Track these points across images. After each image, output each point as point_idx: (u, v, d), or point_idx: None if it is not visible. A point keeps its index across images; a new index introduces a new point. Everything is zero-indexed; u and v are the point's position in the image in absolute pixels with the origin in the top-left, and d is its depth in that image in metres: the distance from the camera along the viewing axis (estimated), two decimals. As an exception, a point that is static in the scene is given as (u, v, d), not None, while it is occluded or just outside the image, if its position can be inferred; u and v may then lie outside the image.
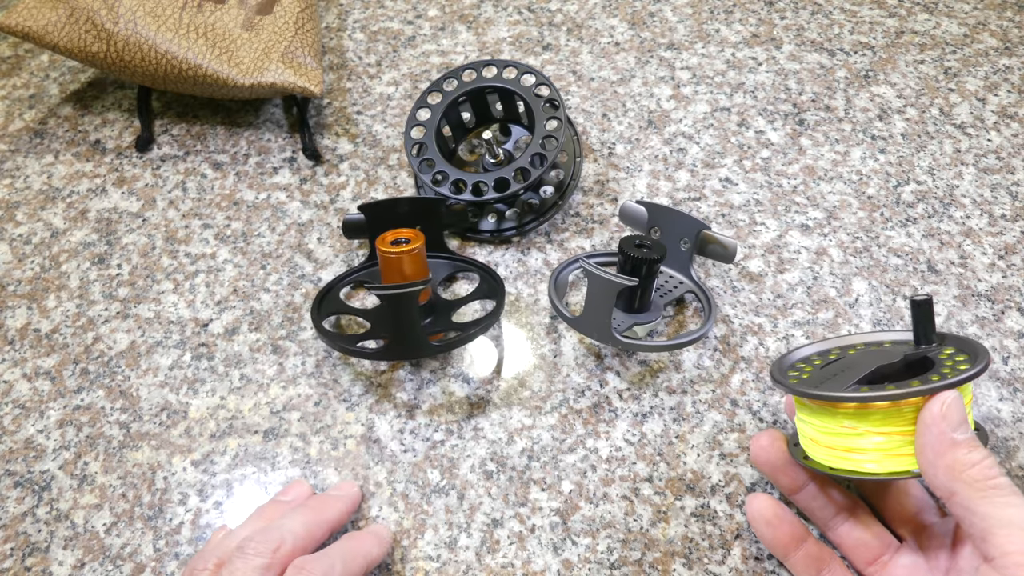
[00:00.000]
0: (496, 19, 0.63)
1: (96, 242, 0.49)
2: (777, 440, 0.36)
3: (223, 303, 0.46)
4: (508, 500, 0.39)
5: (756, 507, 0.36)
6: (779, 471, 0.36)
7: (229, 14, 0.54)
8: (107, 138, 0.55)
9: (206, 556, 0.33)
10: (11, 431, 0.42)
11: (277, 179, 0.53)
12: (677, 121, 0.55)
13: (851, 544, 0.36)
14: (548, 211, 0.49)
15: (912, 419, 0.31)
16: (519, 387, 0.43)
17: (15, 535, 0.38)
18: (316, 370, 0.44)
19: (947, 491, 0.29)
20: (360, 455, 0.41)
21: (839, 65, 0.59)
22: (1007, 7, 0.64)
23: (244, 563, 0.32)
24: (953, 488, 0.28)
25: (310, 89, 0.52)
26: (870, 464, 0.31)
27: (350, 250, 0.49)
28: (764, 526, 0.36)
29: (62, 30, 0.51)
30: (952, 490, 0.28)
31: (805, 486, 0.36)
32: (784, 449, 0.36)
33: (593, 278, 0.39)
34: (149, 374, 0.44)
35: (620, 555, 0.37)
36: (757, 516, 0.36)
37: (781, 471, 0.36)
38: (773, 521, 0.35)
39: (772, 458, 0.36)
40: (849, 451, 0.32)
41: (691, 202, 0.51)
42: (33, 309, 0.46)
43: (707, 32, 0.62)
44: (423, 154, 0.48)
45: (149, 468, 0.40)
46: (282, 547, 0.33)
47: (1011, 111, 0.56)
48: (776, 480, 0.37)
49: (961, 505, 0.28)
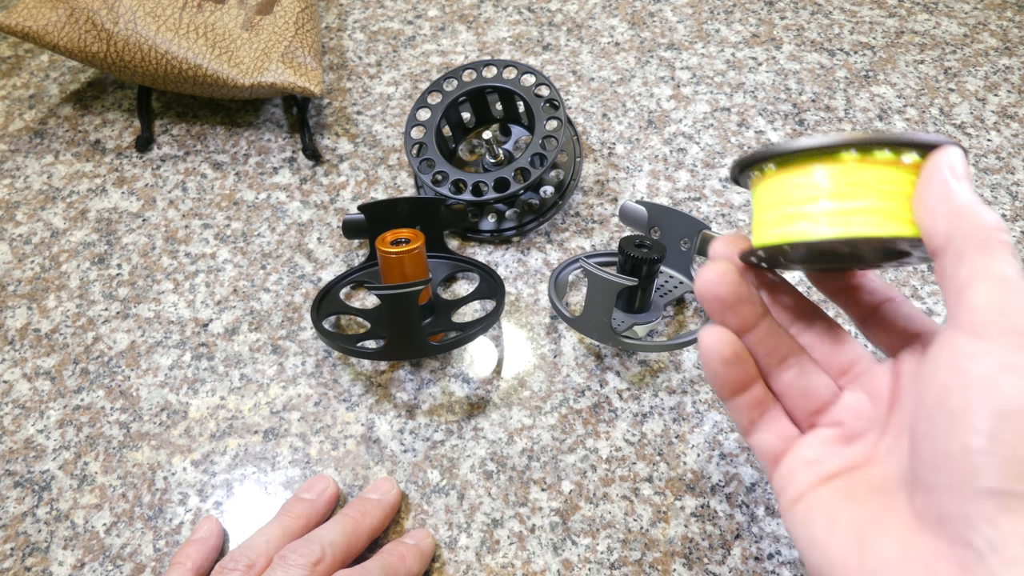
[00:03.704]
0: (496, 19, 0.63)
1: (96, 242, 0.49)
2: (727, 272, 0.31)
3: (223, 303, 0.46)
4: (508, 500, 0.39)
5: (712, 341, 0.30)
6: (728, 307, 0.31)
7: (229, 14, 0.54)
8: (107, 138, 0.55)
9: (236, 556, 0.33)
10: (11, 431, 0.42)
11: (277, 179, 0.53)
12: (677, 121, 0.55)
13: (796, 393, 0.32)
14: (548, 211, 0.49)
15: (908, 178, 0.27)
16: (519, 387, 0.43)
17: (15, 535, 0.38)
18: (316, 370, 0.44)
19: (944, 238, 0.25)
20: (360, 455, 0.41)
21: (839, 65, 0.59)
22: (1007, 7, 0.64)
23: (284, 573, 0.32)
24: (953, 234, 0.25)
25: (310, 89, 0.52)
26: (866, 224, 0.27)
27: (350, 250, 0.49)
28: (720, 364, 0.31)
29: (62, 30, 0.51)
30: (950, 236, 0.25)
31: (756, 325, 0.31)
32: (735, 282, 0.31)
33: (593, 278, 0.39)
34: (149, 374, 0.44)
35: (620, 555, 0.37)
36: (713, 351, 0.30)
37: (731, 307, 0.31)
38: (731, 359, 0.31)
39: (722, 292, 0.30)
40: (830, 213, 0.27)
41: (691, 202, 0.51)
42: (33, 309, 0.46)
43: (707, 32, 0.62)
44: (423, 154, 0.48)
45: (149, 468, 0.40)
46: (323, 561, 0.33)
47: (1011, 111, 0.56)
48: (723, 319, 0.31)
49: (954, 252, 0.24)
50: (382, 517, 0.37)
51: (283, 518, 0.36)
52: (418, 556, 0.36)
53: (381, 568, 0.34)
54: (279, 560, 0.33)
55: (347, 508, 0.37)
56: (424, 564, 0.36)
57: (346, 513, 0.36)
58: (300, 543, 0.34)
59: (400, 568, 0.35)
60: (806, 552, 0.28)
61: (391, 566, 0.34)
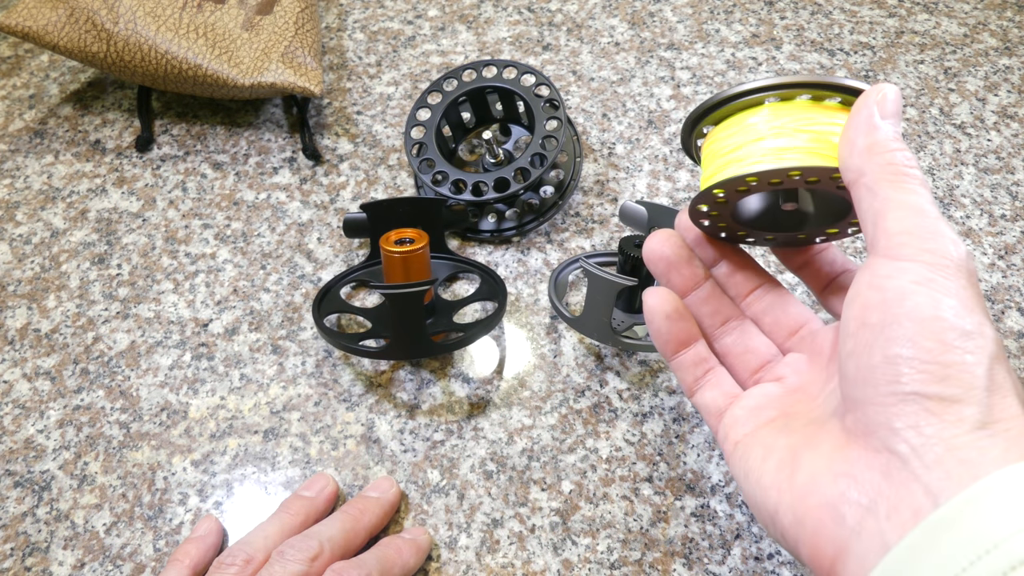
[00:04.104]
0: (496, 19, 0.63)
1: (96, 242, 0.49)
2: (672, 236, 0.34)
3: (223, 303, 0.46)
4: (508, 500, 0.39)
5: (655, 300, 0.33)
6: (672, 267, 0.34)
7: (229, 14, 0.54)
8: (107, 138, 0.55)
9: (234, 552, 0.34)
10: (11, 431, 0.42)
11: (277, 179, 0.53)
12: (677, 121, 0.55)
13: (738, 352, 0.34)
14: (548, 211, 0.49)
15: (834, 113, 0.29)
16: (519, 387, 0.43)
17: (15, 535, 0.38)
18: (316, 370, 0.44)
19: (857, 171, 0.27)
20: (360, 455, 0.41)
21: (839, 65, 0.59)
22: (1007, 7, 0.64)
23: (283, 568, 0.32)
24: (865, 169, 0.26)
25: (310, 89, 0.52)
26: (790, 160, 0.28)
27: (350, 250, 0.49)
28: (663, 319, 0.33)
29: (62, 30, 0.51)
30: (863, 170, 0.26)
31: (698, 286, 0.34)
32: (679, 244, 0.34)
33: (593, 278, 0.39)
34: (149, 374, 0.44)
35: (620, 555, 0.37)
36: (656, 309, 0.33)
37: (675, 267, 0.34)
38: (673, 315, 0.33)
39: (668, 253, 0.34)
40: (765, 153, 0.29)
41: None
42: (33, 309, 0.46)
43: (707, 32, 0.62)
44: (423, 154, 0.48)
45: (149, 468, 0.40)
46: (320, 556, 0.33)
47: (1011, 111, 0.56)
48: (669, 280, 0.35)
49: (866, 186, 0.26)
50: (381, 515, 0.37)
51: (282, 515, 0.36)
52: (414, 550, 0.36)
53: (377, 560, 0.34)
54: (276, 555, 0.33)
55: (346, 506, 0.37)
56: (420, 558, 0.36)
57: (345, 510, 0.36)
58: (298, 539, 0.34)
59: (396, 560, 0.35)
60: (743, 485, 0.29)
61: (387, 558, 0.34)
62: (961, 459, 0.22)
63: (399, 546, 0.36)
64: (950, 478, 0.22)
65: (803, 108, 0.29)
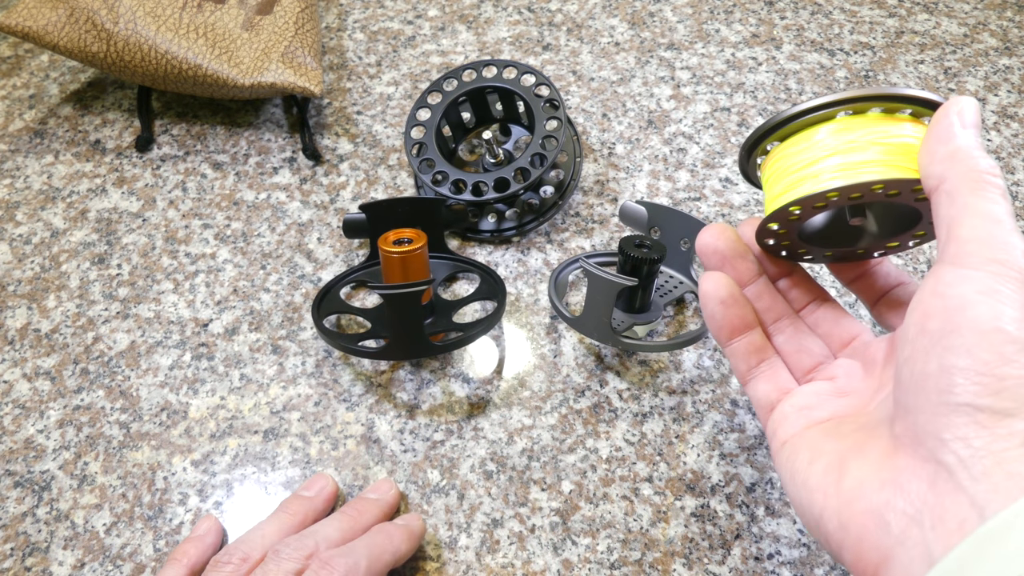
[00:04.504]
0: (496, 19, 0.63)
1: (96, 242, 0.49)
2: (725, 231, 0.34)
3: (223, 303, 0.46)
4: (508, 500, 0.39)
5: (711, 285, 0.33)
6: (727, 262, 0.34)
7: (229, 14, 0.54)
8: (107, 138, 0.55)
9: (231, 551, 0.34)
10: (11, 431, 0.42)
11: (277, 179, 0.53)
12: (677, 121, 0.55)
13: (790, 350, 0.34)
14: (548, 211, 0.49)
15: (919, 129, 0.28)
16: (519, 387, 0.43)
17: (15, 535, 0.38)
18: (316, 370, 0.44)
19: (939, 178, 0.26)
20: (360, 455, 0.41)
21: (839, 65, 0.59)
22: (1007, 7, 0.64)
23: (277, 566, 0.32)
24: (947, 175, 0.26)
25: (310, 89, 0.52)
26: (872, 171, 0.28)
27: (350, 250, 0.49)
28: (717, 304, 0.33)
29: (62, 30, 0.51)
30: (944, 176, 0.26)
31: (752, 282, 0.34)
32: (733, 238, 0.34)
33: (593, 278, 0.39)
34: (149, 374, 0.44)
35: (620, 555, 0.37)
36: (711, 294, 0.33)
37: (728, 261, 0.34)
38: (728, 300, 0.33)
39: (722, 247, 0.34)
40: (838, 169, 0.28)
41: (691, 202, 0.51)
42: (33, 309, 0.46)
43: (707, 32, 0.62)
44: (423, 154, 0.48)
45: (149, 468, 0.40)
46: (316, 554, 0.33)
47: (1011, 111, 0.56)
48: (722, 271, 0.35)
49: (946, 192, 0.26)
50: (380, 516, 0.37)
51: (280, 514, 0.36)
52: (406, 535, 0.36)
53: (366, 546, 0.34)
54: (272, 554, 0.33)
55: (345, 507, 0.37)
56: (413, 544, 0.36)
57: (343, 511, 0.36)
58: (294, 538, 0.34)
59: (387, 546, 0.34)
60: (789, 486, 0.29)
61: (376, 544, 0.34)
62: (1010, 472, 0.22)
63: (390, 532, 0.35)
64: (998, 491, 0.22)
65: (875, 121, 0.29)
